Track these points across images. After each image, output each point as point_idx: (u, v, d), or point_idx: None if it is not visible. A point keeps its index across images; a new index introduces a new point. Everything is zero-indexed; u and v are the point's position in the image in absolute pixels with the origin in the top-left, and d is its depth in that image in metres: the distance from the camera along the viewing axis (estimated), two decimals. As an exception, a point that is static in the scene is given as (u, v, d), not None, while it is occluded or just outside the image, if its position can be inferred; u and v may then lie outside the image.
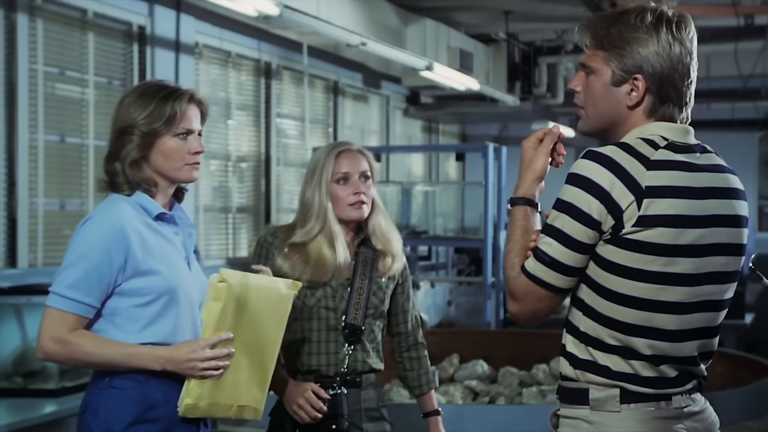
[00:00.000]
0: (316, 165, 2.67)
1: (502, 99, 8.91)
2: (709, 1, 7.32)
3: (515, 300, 1.85)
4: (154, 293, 2.17)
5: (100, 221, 2.17)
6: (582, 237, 1.77)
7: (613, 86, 1.86)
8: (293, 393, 2.58)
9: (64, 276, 2.14)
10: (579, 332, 1.83)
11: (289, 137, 8.15)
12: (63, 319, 2.13)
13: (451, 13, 7.73)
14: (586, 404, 1.80)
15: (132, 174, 2.23)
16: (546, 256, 1.80)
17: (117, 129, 2.26)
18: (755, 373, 5.06)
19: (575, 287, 1.84)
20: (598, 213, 1.76)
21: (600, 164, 1.77)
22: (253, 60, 7.54)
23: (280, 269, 2.60)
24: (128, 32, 6.14)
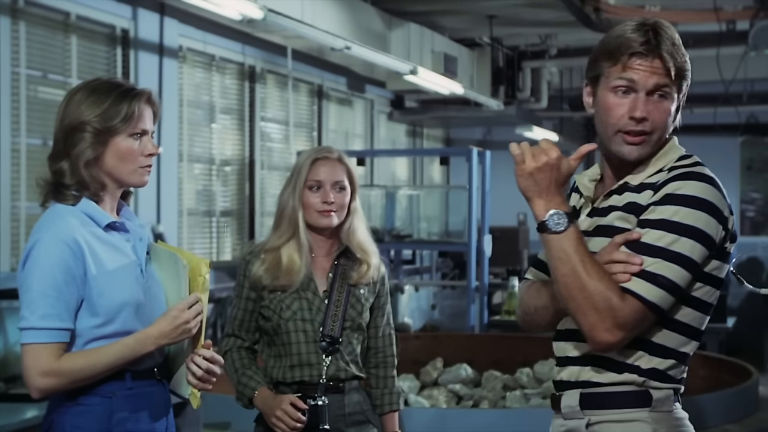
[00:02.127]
0: (293, 170, 2.72)
1: (486, 103, 8.93)
2: (691, 7, 7.37)
3: (622, 330, 1.73)
4: (111, 313, 2.07)
5: (52, 240, 2.02)
6: (701, 259, 1.78)
7: (669, 105, 1.89)
8: (272, 405, 2.60)
9: (34, 308, 2.01)
10: (650, 344, 1.81)
11: (273, 141, 8.14)
12: (47, 351, 2.01)
13: (435, 18, 7.74)
14: (647, 406, 1.81)
15: (85, 174, 2.08)
16: (669, 282, 1.74)
17: (66, 126, 2.11)
18: (737, 377, 5.09)
19: None
20: (717, 236, 1.80)
21: (713, 186, 1.81)
22: (237, 63, 7.53)
23: (255, 274, 2.67)
24: (112, 35, 6.12)
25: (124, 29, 6.17)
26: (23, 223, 5.34)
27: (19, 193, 5.33)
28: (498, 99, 8.99)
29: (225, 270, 7.31)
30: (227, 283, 7.23)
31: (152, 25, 6.35)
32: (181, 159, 6.79)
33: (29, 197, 5.41)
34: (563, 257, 1.76)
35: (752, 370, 5.06)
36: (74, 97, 2.14)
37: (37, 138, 5.51)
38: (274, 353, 2.67)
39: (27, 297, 2.03)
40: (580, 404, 1.86)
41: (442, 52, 7.87)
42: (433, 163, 11.10)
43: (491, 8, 7.45)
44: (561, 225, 1.77)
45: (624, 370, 1.83)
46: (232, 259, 7.54)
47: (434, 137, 11.71)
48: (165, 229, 6.41)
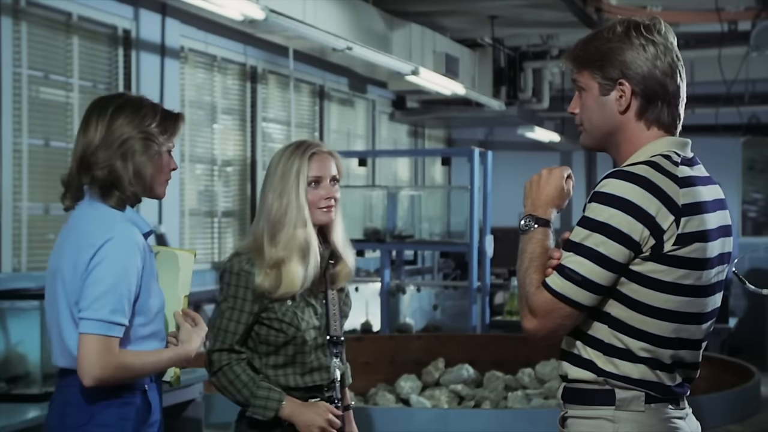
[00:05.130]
0: (286, 168, 2.55)
1: (487, 104, 8.93)
2: (693, 7, 7.36)
3: (535, 316, 1.86)
4: (151, 314, 2.27)
5: (125, 240, 2.20)
6: (619, 257, 1.81)
7: (603, 97, 1.93)
8: (312, 416, 2.54)
9: (105, 302, 2.15)
10: (603, 344, 1.87)
11: (274, 141, 8.14)
12: (110, 344, 2.15)
13: (436, 18, 7.74)
14: (611, 404, 1.86)
15: (135, 182, 2.26)
16: (577, 275, 1.82)
17: (117, 138, 2.24)
18: (739, 377, 5.09)
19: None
20: (639, 235, 1.81)
21: (638, 186, 1.82)
22: (238, 64, 7.53)
23: (261, 286, 2.52)
24: (113, 36, 6.12)
25: (126, 30, 6.17)
26: (25, 223, 5.34)
27: (20, 193, 5.33)
28: (499, 99, 8.99)
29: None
30: (229, 284, 7.23)
31: (154, 25, 6.35)
32: (182, 159, 6.80)
33: (31, 197, 5.42)
34: (520, 254, 1.93)
35: (754, 371, 5.06)
36: (121, 110, 2.28)
37: (38, 138, 5.51)
38: (280, 362, 2.56)
39: (96, 290, 2.15)
40: (562, 397, 1.95)
41: (444, 53, 7.87)
42: (435, 164, 11.10)
43: (493, 9, 7.45)
44: (527, 227, 1.93)
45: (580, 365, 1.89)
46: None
47: (436, 138, 11.71)
48: (167, 230, 6.41)
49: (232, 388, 2.53)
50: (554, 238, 1.97)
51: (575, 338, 1.90)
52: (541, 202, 1.96)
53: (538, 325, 1.86)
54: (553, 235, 1.96)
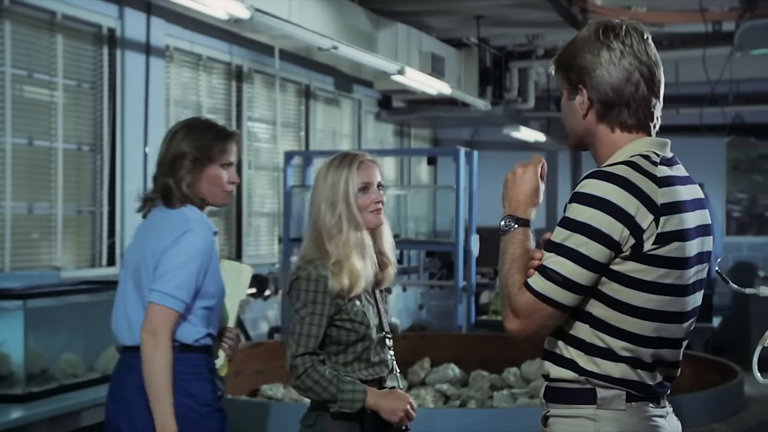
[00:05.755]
0: (336, 179, 2.73)
1: (473, 103, 8.94)
2: (678, 8, 7.39)
3: (518, 317, 1.87)
4: (213, 299, 2.65)
5: (203, 231, 2.62)
6: (599, 257, 1.82)
7: (570, 101, 1.97)
8: (394, 402, 2.72)
9: (170, 277, 2.54)
10: (584, 344, 1.88)
11: (260, 141, 8.13)
12: (167, 315, 2.53)
13: (422, 18, 7.74)
14: (593, 403, 1.87)
15: (187, 192, 2.67)
16: (558, 275, 1.83)
17: (171, 155, 2.68)
18: (723, 376, 5.11)
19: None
20: (619, 235, 1.81)
21: (618, 186, 1.82)
22: (224, 63, 7.52)
23: (335, 289, 2.69)
24: (98, 35, 6.10)
25: (111, 29, 6.15)
26: (8, 223, 5.31)
27: (4, 193, 5.30)
28: (485, 99, 9.00)
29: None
30: (214, 284, 7.22)
31: (139, 24, 6.32)
32: (168, 159, 6.77)
33: (15, 197, 5.39)
34: (501, 255, 1.95)
35: (737, 370, 5.08)
36: (179, 132, 2.72)
37: (22, 138, 5.49)
38: (349, 359, 2.74)
39: (168, 266, 2.55)
40: (544, 396, 1.96)
41: (430, 52, 7.87)
42: (421, 163, 11.11)
43: (478, 8, 7.46)
44: (507, 228, 1.95)
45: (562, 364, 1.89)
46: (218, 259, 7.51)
47: (422, 137, 11.72)
48: (152, 229, 6.39)
49: (318, 387, 2.66)
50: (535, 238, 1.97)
51: (557, 338, 1.91)
52: (520, 203, 1.97)
53: (520, 326, 1.87)
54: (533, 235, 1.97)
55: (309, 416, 2.73)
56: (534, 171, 2.00)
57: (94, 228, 6.14)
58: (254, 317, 7.79)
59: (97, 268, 6.08)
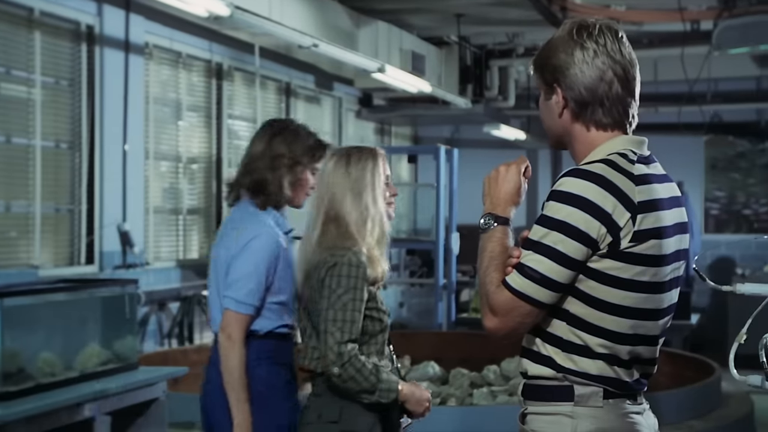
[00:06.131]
0: (361, 172, 2.70)
1: (454, 101, 8.95)
2: (657, 7, 7.43)
3: (496, 315, 1.87)
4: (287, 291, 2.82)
5: (268, 237, 2.80)
6: (577, 255, 1.82)
7: (547, 101, 1.97)
8: (422, 392, 2.71)
9: (241, 285, 2.75)
10: (561, 341, 1.88)
11: (240, 139, 8.11)
12: (240, 319, 2.75)
13: (403, 16, 7.74)
14: (570, 400, 1.87)
15: (281, 191, 2.85)
16: (536, 273, 1.83)
17: (271, 155, 2.86)
18: (700, 373, 5.15)
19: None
20: (597, 233, 1.82)
21: (595, 184, 1.83)
22: (204, 61, 7.49)
23: (372, 276, 2.67)
24: (76, 31, 6.06)
25: (89, 25, 6.11)
26: (-14, 221, 5.27)
27: (-19, 190, 5.26)
28: (466, 97, 9.01)
29: (192, 269, 7.27)
30: (193, 282, 7.19)
31: (118, 21, 6.29)
32: (147, 157, 6.74)
33: (-8, 195, 5.35)
34: (480, 253, 1.94)
35: (715, 367, 5.12)
36: (281, 133, 2.90)
37: (0, 135, 5.44)
38: (371, 350, 2.66)
39: (238, 274, 2.76)
40: (522, 394, 1.96)
41: (410, 51, 7.88)
42: (401, 161, 11.11)
43: (459, 7, 7.47)
44: (487, 226, 1.95)
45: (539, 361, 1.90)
46: (198, 257, 7.50)
47: (402, 135, 11.72)
48: (131, 228, 6.36)
49: (360, 376, 2.57)
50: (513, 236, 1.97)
51: (535, 335, 1.91)
52: (500, 201, 1.97)
53: (499, 323, 1.87)
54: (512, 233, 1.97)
55: (329, 411, 2.61)
56: (517, 170, 2.00)
57: (73, 226, 6.11)
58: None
59: (75, 267, 6.05)
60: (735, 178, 11.08)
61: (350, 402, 2.59)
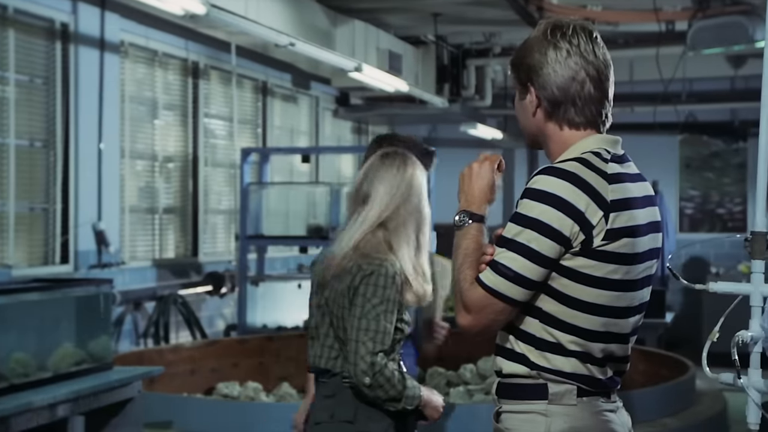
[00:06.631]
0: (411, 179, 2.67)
1: (431, 101, 8.96)
2: (632, 7, 7.47)
3: (469, 312, 1.88)
4: None
5: None
6: (550, 253, 1.83)
7: (521, 100, 1.99)
8: (438, 398, 2.72)
9: None
10: (534, 339, 1.89)
11: (217, 137, 8.08)
12: None
13: (380, 15, 7.74)
14: (544, 398, 1.88)
15: None
16: (509, 271, 1.84)
17: None
18: (675, 371, 5.19)
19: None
20: (569, 230, 1.83)
21: (568, 182, 1.84)
22: (180, 59, 7.45)
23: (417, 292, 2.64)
24: (51, 29, 6.01)
25: (64, 23, 6.06)
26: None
27: (-46, 189, 5.21)
28: (443, 97, 9.03)
29: (168, 268, 7.23)
30: (169, 281, 7.16)
31: (93, 19, 6.25)
32: (122, 155, 6.70)
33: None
34: (455, 250, 1.95)
35: (689, 365, 5.16)
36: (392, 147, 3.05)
37: (-27, 133, 5.39)
38: (394, 357, 2.66)
39: None
40: (496, 392, 1.97)
41: (387, 50, 7.88)
42: (379, 161, 11.10)
43: (436, 6, 7.48)
44: (462, 223, 1.96)
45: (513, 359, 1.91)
46: (175, 256, 7.46)
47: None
48: (106, 227, 6.32)
49: (389, 384, 2.57)
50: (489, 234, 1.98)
51: (508, 333, 1.92)
52: (474, 198, 1.98)
53: (472, 320, 1.88)
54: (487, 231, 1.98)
55: (343, 411, 2.60)
56: (490, 167, 2.01)
57: (47, 225, 6.06)
58: (210, 315, 7.74)
59: (49, 266, 6.00)
60: (709, 178, 11.18)
61: (365, 403, 2.59)
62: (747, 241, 2.01)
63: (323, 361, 2.64)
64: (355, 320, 2.56)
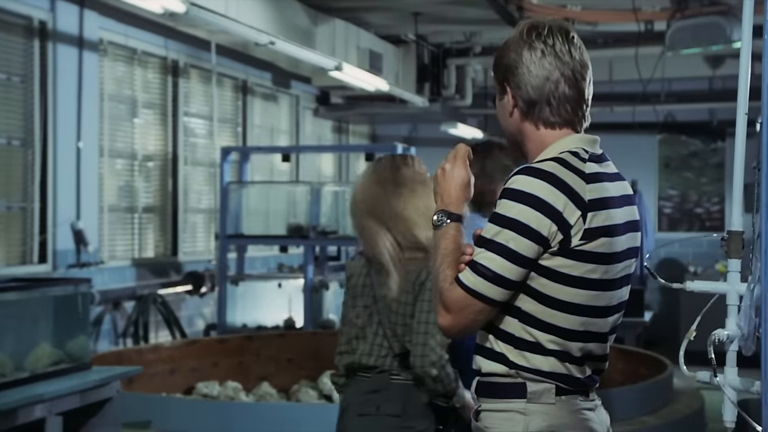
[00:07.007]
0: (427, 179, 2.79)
1: (411, 100, 8.97)
2: (612, 7, 7.51)
3: (449, 312, 1.88)
4: None
5: None
6: (528, 253, 1.84)
7: (501, 100, 2.01)
8: (473, 403, 2.76)
9: None
10: (513, 338, 1.90)
11: (197, 136, 8.05)
12: None
13: (360, 14, 7.74)
14: (523, 397, 1.89)
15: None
16: (488, 271, 1.84)
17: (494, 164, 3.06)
18: (653, 370, 5.22)
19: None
20: (547, 230, 1.83)
21: (546, 182, 1.84)
22: (159, 57, 7.42)
23: None
24: (29, 27, 5.97)
25: (42, 21, 6.02)
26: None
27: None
28: (423, 96, 9.04)
29: (147, 267, 7.20)
30: (149, 281, 7.13)
31: (71, 17, 6.21)
32: (101, 154, 6.67)
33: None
34: (434, 250, 1.96)
35: (667, 363, 5.19)
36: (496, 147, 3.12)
37: (-51, 132, 5.35)
38: None
39: None
40: (475, 391, 1.98)
41: (368, 49, 7.88)
42: (359, 160, 11.11)
43: (416, 5, 7.49)
44: (440, 223, 1.96)
45: (493, 358, 1.92)
46: (154, 256, 7.43)
47: (360, 133, 11.72)
48: (85, 226, 6.28)
49: (448, 380, 2.65)
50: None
51: (488, 332, 1.93)
52: (452, 198, 1.99)
53: (452, 320, 1.89)
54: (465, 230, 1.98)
55: (391, 406, 2.65)
56: (462, 164, 2.02)
57: (25, 224, 6.02)
58: (190, 314, 7.71)
59: (27, 266, 5.96)
60: (688, 177, 11.25)
61: (411, 399, 2.65)
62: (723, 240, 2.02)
63: (372, 359, 2.68)
64: (423, 314, 2.63)
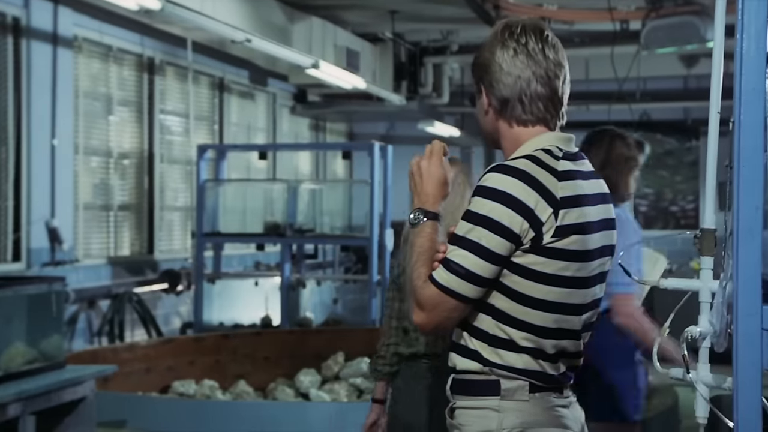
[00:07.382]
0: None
1: (388, 98, 8.97)
2: (588, 6, 7.55)
3: (423, 310, 1.89)
4: None
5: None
6: (500, 250, 1.84)
7: (478, 99, 2.02)
8: None
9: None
10: (487, 335, 1.90)
11: (173, 134, 8.01)
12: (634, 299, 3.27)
13: (337, 12, 7.73)
14: (497, 394, 1.89)
15: (625, 191, 3.49)
16: (461, 268, 1.85)
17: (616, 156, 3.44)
18: (629, 366, 5.23)
19: None
20: (519, 227, 1.84)
21: (518, 179, 1.85)
22: (135, 55, 7.38)
23: None
24: (2, 23, 5.92)
25: (16, 17, 5.97)
26: None
27: None
28: (400, 94, 9.04)
29: (123, 265, 7.16)
30: (124, 279, 7.09)
31: (45, 13, 6.16)
32: (76, 152, 6.62)
33: None
34: (409, 248, 1.96)
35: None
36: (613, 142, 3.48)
37: None
38: None
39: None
40: (450, 388, 1.98)
41: (345, 47, 7.87)
42: (336, 158, 11.11)
43: (393, 3, 7.49)
44: (416, 221, 1.97)
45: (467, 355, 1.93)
46: (130, 254, 7.39)
47: (337, 131, 11.71)
48: (60, 224, 6.24)
49: None
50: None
51: (462, 329, 1.94)
52: (428, 196, 1.99)
53: (426, 318, 1.89)
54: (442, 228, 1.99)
55: None
56: (438, 162, 2.02)
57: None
58: (166, 313, 7.68)
59: (1, 264, 5.91)
60: (663, 176, 11.33)
61: None
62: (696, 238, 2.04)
63: (430, 347, 2.83)
64: None
